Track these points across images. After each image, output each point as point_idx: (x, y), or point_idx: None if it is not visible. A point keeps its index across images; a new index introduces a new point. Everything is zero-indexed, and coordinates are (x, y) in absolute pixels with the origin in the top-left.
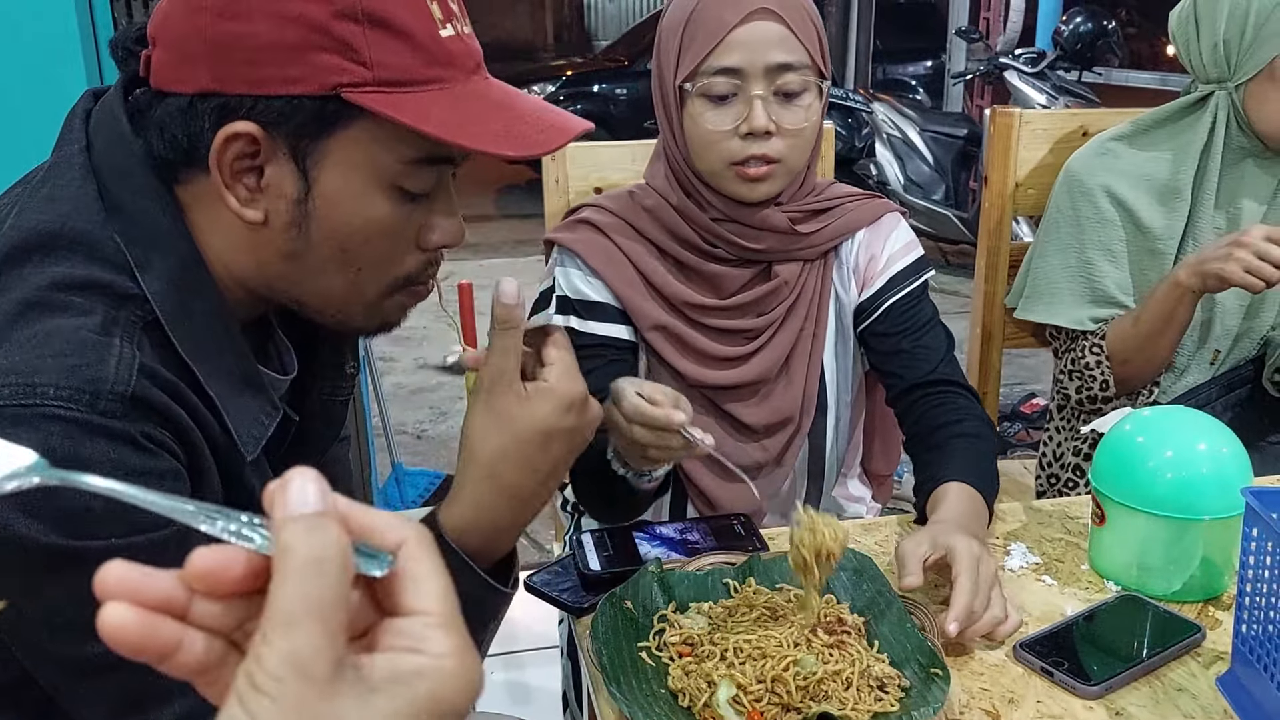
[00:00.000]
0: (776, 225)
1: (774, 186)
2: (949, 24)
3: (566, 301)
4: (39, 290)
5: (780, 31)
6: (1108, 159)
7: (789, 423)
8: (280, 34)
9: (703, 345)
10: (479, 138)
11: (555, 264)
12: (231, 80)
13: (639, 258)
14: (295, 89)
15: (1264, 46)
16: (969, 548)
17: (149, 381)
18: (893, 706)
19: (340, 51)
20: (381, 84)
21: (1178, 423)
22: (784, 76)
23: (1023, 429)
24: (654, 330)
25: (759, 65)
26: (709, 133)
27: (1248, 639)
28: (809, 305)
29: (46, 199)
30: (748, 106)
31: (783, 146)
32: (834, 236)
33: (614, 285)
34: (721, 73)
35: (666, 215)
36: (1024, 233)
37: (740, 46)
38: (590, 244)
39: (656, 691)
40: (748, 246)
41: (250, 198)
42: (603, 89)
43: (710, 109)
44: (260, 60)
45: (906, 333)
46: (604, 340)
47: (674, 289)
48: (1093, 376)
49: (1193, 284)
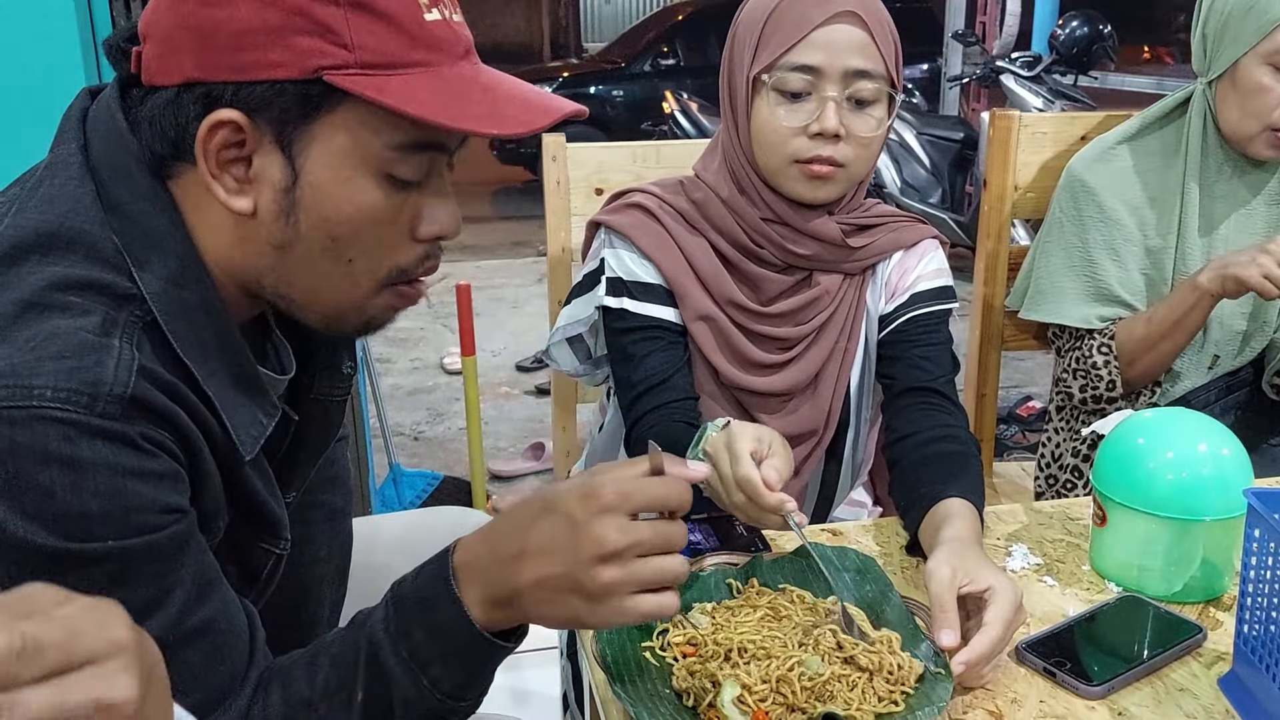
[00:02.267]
0: (828, 235)
1: (835, 190)
2: (945, 28)
3: (619, 283)
4: (37, 291)
5: (862, 38)
6: (1109, 161)
7: (811, 435)
8: (261, 18)
9: (742, 347)
10: (462, 118)
11: (603, 245)
12: (215, 67)
13: (690, 246)
14: (277, 73)
15: (1231, 46)
16: (1011, 594)
17: (148, 383)
18: (896, 706)
19: (321, 34)
20: (364, 66)
21: (1179, 424)
22: (859, 83)
23: (1019, 431)
24: (699, 321)
25: (837, 68)
26: (778, 128)
27: (1250, 639)
28: (845, 320)
29: (44, 199)
30: (820, 106)
31: (849, 152)
32: (877, 254)
33: (665, 269)
34: (799, 69)
35: (714, 209)
36: (1021, 236)
37: (822, 46)
38: (643, 227)
39: (661, 691)
40: (793, 251)
41: (238, 188)
42: (599, 91)
43: (783, 104)
44: (242, 45)
45: (914, 345)
46: (659, 322)
47: (722, 284)
48: (1099, 376)
49: (1212, 287)
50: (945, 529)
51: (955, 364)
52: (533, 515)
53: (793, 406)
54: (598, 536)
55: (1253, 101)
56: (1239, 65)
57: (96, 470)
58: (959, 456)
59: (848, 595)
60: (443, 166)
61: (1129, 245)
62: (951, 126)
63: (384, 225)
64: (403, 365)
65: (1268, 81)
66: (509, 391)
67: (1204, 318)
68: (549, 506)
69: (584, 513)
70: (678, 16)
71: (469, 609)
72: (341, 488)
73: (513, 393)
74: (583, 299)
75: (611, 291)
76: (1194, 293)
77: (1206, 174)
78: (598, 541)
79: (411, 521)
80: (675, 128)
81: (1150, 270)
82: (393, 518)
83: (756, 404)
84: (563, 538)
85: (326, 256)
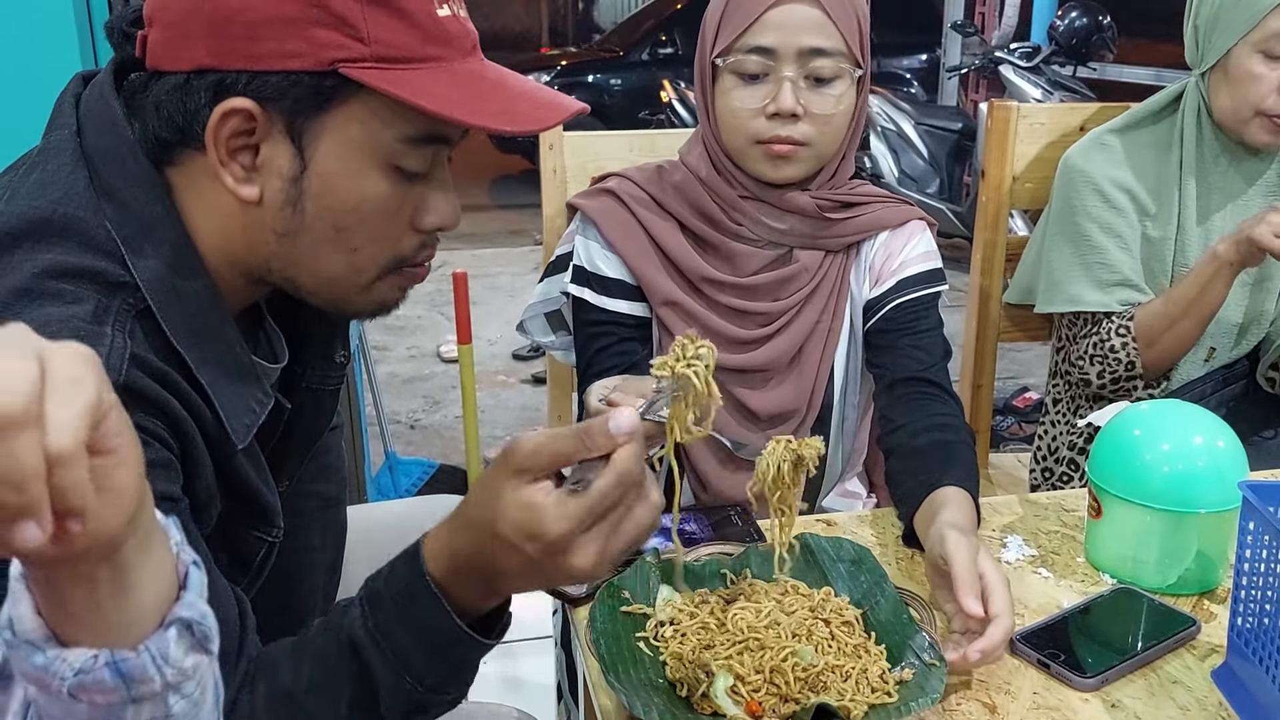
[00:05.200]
0: (802, 207)
1: (798, 169)
2: (944, 18)
3: (583, 273)
4: (30, 278)
5: (817, 16)
6: (1104, 150)
7: (795, 414)
8: (279, 9)
9: (716, 325)
10: (477, 114)
11: (576, 230)
12: (229, 56)
13: (658, 231)
14: (293, 64)
15: (1223, 36)
16: (1006, 585)
17: (140, 371)
18: (890, 698)
19: (338, 27)
20: (379, 60)
21: (1175, 416)
22: (816, 61)
23: (1015, 423)
24: (666, 306)
25: (791, 47)
26: (737, 110)
27: (1243, 632)
28: (827, 298)
29: (37, 184)
30: (777, 87)
31: (810, 131)
32: (858, 231)
33: (628, 258)
34: (754, 51)
35: (692, 190)
36: (1019, 227)
37: (775, 27)
38: (609, 214)
39: (655, 681)
40: (771, 226)
41: (246, 176)
42: (597, 79)
43: (740, 86)
44: (259, 35)
45: (905, 333)
46: (616, 317)
47: (692, 263)
48: (1118, 359)
49: (1229, 255)
50: (943, 513)
51: (947, 350)
52: (487, 525)
53: (774, 384)
54: (555, 536)
55: (1245, 89)
56: (1231, 55)
57: None
58: (954, 446)
59: (842, 586)
60: (444, 158)
61: (1132, 231)
62: (950, 117)
63: (389, 216)
64: (399, 353)
65: (1259, 69)
66: (505, 380)
67: (1224, 291)
68: (484, 522)
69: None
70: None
71: (448, 603)
72: (335, 477)
73: (509, 381)
74: (554, 279)
75: (576, 279)
76: (1212, 263)
77: (1202, 165)
78: (559, 540)
79: (407, 509)
80: (673, 116)
81: (1151, 261)
82: (389, 505)
83: (736, 381)
84: (518, 543)
85: (331, 245)
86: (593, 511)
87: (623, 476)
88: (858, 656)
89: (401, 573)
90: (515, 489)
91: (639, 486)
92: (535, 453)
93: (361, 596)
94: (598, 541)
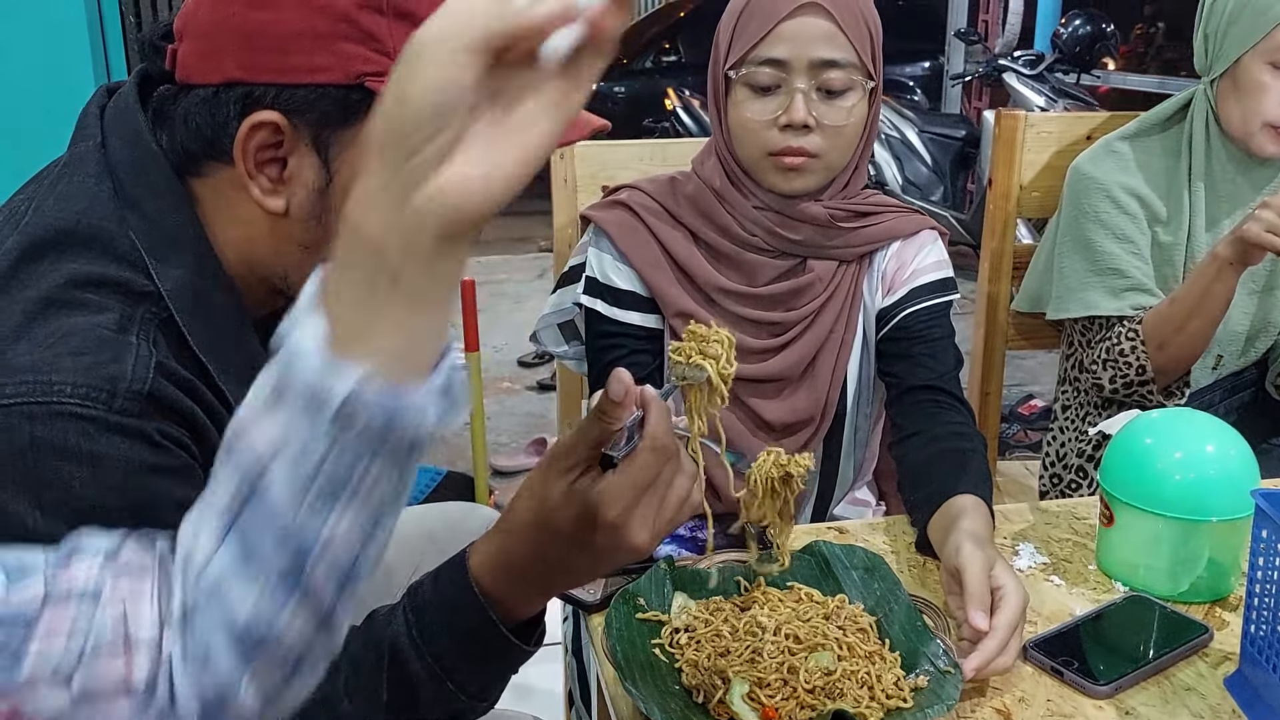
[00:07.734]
0: (815, 217)
1: (810, 181)
2: (948, 26)
3: (595, 284)
4: (55, 288)
5: (828, 28)
6: (1116, 158)
7: (808, 424)
8: (309, 23)
9: None
10: None
11: (589, 242)
12: (258, 69)
13: (671, 242)
14: (320, 78)
15: (1232, 45)
16: (1019, 599)
17: (165, 380)
18: (906, 704)
19: (364, 41)
20: None
21: (1186, 425)
22: (828, 73)
23: (1021, 430)
24: (678, 317)
25: (803, 59)
26: (749, 121)
27: (1256, 639)
28: (840, 307)
29: (62, 196)
30: (789, 99)
31: (822, 143)
32: (871, 240)
33: (641, 270)
34: (766, 63)
35: (706, 201)
36: (1025, 235)
37: (787, 39)
38: (622, 225)
39: (671, 688)
40: (785, 236)
41: (273, 188)
42: (601, 87)
43: (753, 98)
44: (287, 49)
45: (917, 341)
46: (629, 329)
47: (705, 274)
48: (1128, 363)
49: (1228, 254)
50: (962, 521)
51: (959, 359)
52: (537, 523)
53: (788, 394)
54: (607, 515)
55: (1253, 99)
56: (1240, 64)
57: (114, 465)
58: (968, 454)
59: (855, 593)
60: None
61: (1143, 237)
62: (954, 124)
63: None
64: None
65: (1268, 80)
66: (511, 387)
67: (1228, 291)
68: (544, 522)
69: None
70: (680, 13)
71: (494, 612)
72: None
73: (515, 388)
74: (567, 289)
75: (588, 291)
76: (1213, 263)
77: (1211, 172)
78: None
79: (415, 516)
80: (677, 124)
81: (1162, 266)
82: None
83: (750, 391)
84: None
85: None
86: (637, 484)
87: (656, 444)
88: (872, 663)
89: (446, 581)
90: (566, 485)
91: (675, 458)
92: (572, 447)
93: (405, 605)
94: (650, 511)
